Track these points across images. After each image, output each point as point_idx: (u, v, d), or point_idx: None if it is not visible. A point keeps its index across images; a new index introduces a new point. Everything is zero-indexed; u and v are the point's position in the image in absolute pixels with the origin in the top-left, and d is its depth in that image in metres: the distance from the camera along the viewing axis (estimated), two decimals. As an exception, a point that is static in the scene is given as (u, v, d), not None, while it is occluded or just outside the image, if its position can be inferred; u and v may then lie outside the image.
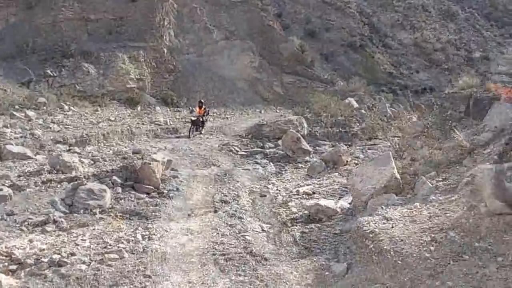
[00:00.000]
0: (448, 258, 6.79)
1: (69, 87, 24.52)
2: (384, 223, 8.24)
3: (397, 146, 12.65)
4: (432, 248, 7.04)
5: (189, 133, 20.93)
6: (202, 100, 23.99)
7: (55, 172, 12.75)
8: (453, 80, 33.00)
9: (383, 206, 9.08)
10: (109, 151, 16.34)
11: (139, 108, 25.64)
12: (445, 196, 8.70)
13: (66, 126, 18.56)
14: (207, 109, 23.11)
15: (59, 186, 11.94)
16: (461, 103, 12.54)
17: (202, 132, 21.81)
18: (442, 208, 8.25)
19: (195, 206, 11.75)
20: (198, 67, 32.43)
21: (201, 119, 21.85)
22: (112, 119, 21.76)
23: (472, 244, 6.89)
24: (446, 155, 10.20)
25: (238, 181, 14.03)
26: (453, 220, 7.58)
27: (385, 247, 7.35)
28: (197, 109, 22.61)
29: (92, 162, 14.46)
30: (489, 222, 7.03)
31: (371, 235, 7.88)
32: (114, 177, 12.66)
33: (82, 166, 13.58)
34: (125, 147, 17.41)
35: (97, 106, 23.72)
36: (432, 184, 9.35)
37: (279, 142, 18.85)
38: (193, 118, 21.48)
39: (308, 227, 10.38)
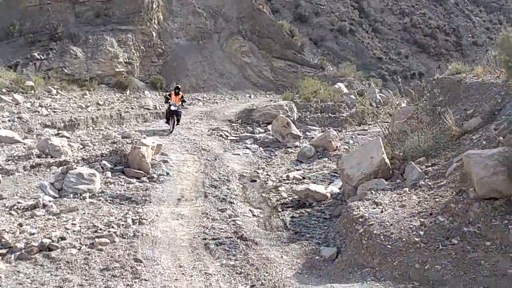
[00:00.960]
0: (437, 242, 6.87)
1: (56, 70, 24.30)
2: (373, 208, 8.31)
3: (387, 132, 12.70)
4: (421, 232, 7.12)
5: (172, 127, 18.30)
6: (179, 86, 21.00)
7: (44, 156, 12.68)
8: (442, 65, 33.16)
9: (372, 191, 9.14)
10: (98, 136, 16.26)
11: (128, 92, 25.49)
12: (434, 181, 8.78)
13: (54, 110, 18.42)
14: (184, 97, 20.36)
15: (48, 170, 11.89)
16: (451, 88, 12.58)
17: (178, 124, 18.96)
18: (431, 193, 8.33)
19: (186, 190, 11.75)
20: (187, 51, 32.23)
21: (179, 110, 18.98)
22: (101, 103, 21.62)
23: (461, 229, 6.98)
24: (436, 140, 10.26)
25: (228, 166, 14.03)
26: (442, 205, 7.65)
27: (374, 232, 7.42)
28: (173, 95, 19.34)
29: (81, 146, 14.38)
30: (477, 207, 7.11)
31: (360, 220, 7.94)
32: (104, 162, 12.61)
33: (71, 150, 13.51)
34: (115, 131, 17.32)
35: (86, 90, 23.54)
36: (421, 169, 9.41)
37: (269, 127, 18.86)
38: (172, 108, 18.42)
39: (298, 211, 10.45)
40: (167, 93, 20.62)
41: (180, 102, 19.48)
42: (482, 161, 7.26)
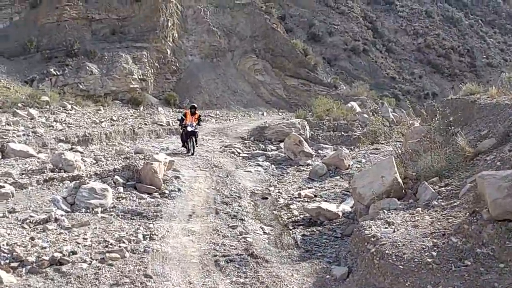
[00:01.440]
0: (450, 263, 6.77)
1: (72, 86, 24.67)
2: (385, 227, 8.23)
3: (399, 151, 12.63)
4: (434, 253, 7.03)
5: (192, 149, 17.41)
6: (195, 105, 19.47)
7: (57, 170, 12.78)
8: (456, 86, 33.05)
9: (385, 211, 9.07)
10: (111, 151, 16.38)
11: (141, 108, 25.74)
12: (448, 201, 8.69)
13: (69, 125, 18.62)
14: (201, 116, 19.12)
15: (61, 184, 11.97)
16: (464, 109, 12.53)
17: (197, 145, 18.11)
18: (444, 214, 8.24)
19: (197, 207, 11.75)
20: (201, 68, 32.52)
21: (197, 130, 17.96)
22: (115, 118, 21.81)
23: (474, 250, 6.88)
24: (449, 161, 10.18)
25: (239, 183, 14.03)
26: (455, 225, 7.56)
27: (386, 252, 7.33)
28: (189, 115, 18.09)
29: (94, 161, 14.49)
30: (491, 228, 7.01)
31: (372, 239, 7.86)
32: (116, 177, 12.67)
33: (84, 165, 13.61)
34: (128, 147, 17.44)
35: (100, 105, 23.82)
36: (434, 190, 9.33)
37: (281, 144, 18.87)
38: (189, 129, 17.45)
39: (309, 230, 10.38)
40: (182, 114, 19.06)
41: (197, 122, 18.21)
42: (496, 182, 7.18)
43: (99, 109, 23.09)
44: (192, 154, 17.18)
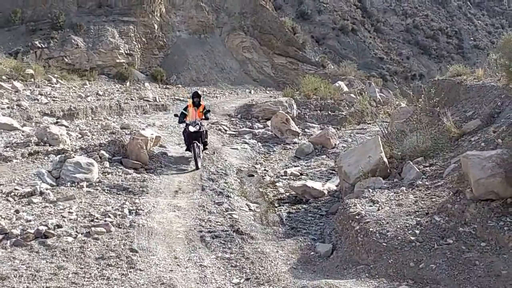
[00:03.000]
0: (432, 241, 6.90)
1: (57, 59, 24.28)
2: (370, 206, 8.33)
3: (386, 131, 12.71)
4: (417, 231, 7.14)
5: (197, 160, 12.91)
6: (199, 92, 14.91)
7: (42, 144, 12.65)
8: (443, 67, 33.21)
9: (370, 189, 9.17)
10: (97, 125, 16.24)
11: (128, 83, 25.45)
12: (432, 181, 8.80)
13: (54, 99, 18.38)
14: (206, 107, 14.40)
15: (46, 158, 11.86)
16: (451, 90, 12.61)
17: (207, 147, 14.21)
18: (428, 193, 8.36)
19: (183, 183, 11.76)
20: (189, 44, 32.18)
21: (203, 129, 13.54)
22: (101, 93, 21.58)
23: (456, 229, 7.01)
24: (434, 141, 10.28)
25: (226, 160, 14.04)
26: (438, 204, 7.68)
27: (370, 229, 7.44)
28: (191, 108, 13.79)
29: (80, 135, 14.38)
30: (474, 207, 7.14)
31: (357, 217, 7.96)
32: (102, 151, 12.60)
33: (70, 139, 13.49)
34: (114, 122, 17.32)
35: (86, 79, 23.52)
36: (419, 169, 9.44)
37: (268, 123, 18.85)
38: (192, 129, 13.19)
39: (294, 207, 10.47)
40: (184, 107, 14.44)
41: (203, 116, 13.85)
42: (480, 162, 7.29)
43: (85, 83, 22.78)
44: (197, 168, 12.76)
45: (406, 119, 13.32)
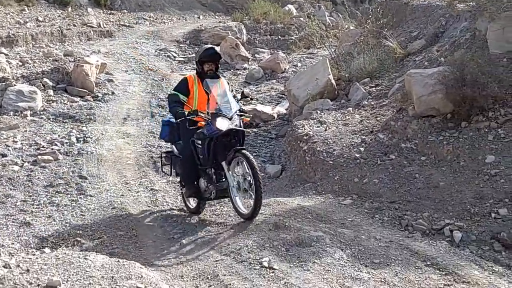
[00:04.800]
0: (376, 158, 7.17)
1: (-9, -17, 22.73)
2: (318, 127, 8.50)
3: (334, 54, 12.76)
4: (361, 149, 7.39)
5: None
6: (216, 49, 7.76)
7: (-20, 72, 12.07)
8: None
9: (318, 111, 9.32)
10: (38, 53, 15.53)
11: (69, 9, 24.20)
12: (377, 101, 9.01)
13: (-10, 26, 17.38)
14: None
15: (-15, 87, 11.37)
16: (398, 11, 12.64)
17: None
18: (373, 112, 8.58)
19: (132, 110, 11.57)
20: (133, -34, 30.65)
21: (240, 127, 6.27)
22: (41, 19, 20.48)
23: (399, 145, 7.29)
24: (380, 62, 10.43)
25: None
26: (382, 122, 7.93)
27: (317, 149, 7.64)
28: (214, 87, 6.36)
29: (20, 63, 13.74)
30: (415, 124, 7.41)
31: (305, 138, 8.14)
32: (45, 79, 12.13)
33: (10, 67, 12.91)
34: (56, 49, 16.62)
35: (24, 5, 22.16)
36: (365, 90, 9.62)
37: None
38: (224, 127, 5.97)
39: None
40: (177, 87, 6.78)
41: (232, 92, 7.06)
42: (422, 80, 7.49)
43: (23, 9, 21.50)
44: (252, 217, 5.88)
45: (354, 41, 13.35)
